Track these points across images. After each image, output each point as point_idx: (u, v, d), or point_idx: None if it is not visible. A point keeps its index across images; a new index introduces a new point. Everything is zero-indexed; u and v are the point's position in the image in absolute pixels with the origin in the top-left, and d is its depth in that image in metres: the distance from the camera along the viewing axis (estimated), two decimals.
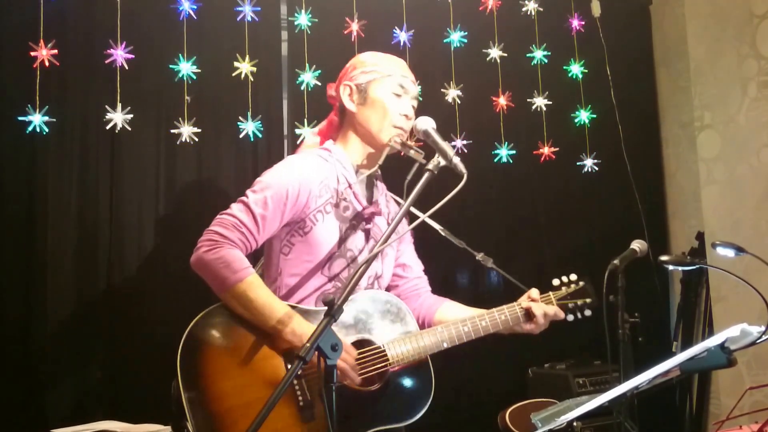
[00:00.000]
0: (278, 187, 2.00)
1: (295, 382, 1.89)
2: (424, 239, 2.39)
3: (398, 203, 2.24)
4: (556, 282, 2.21)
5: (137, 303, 2.82)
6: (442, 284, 2.50)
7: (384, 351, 1.98)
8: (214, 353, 1.90)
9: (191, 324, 1.90)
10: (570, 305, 2.18)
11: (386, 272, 2.21)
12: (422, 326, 2.17)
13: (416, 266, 2.34)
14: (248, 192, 2.02)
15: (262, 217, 1.97)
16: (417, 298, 2.29)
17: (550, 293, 2.18)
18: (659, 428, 3.55)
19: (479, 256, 2.29)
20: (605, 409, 1.81)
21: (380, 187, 2.23)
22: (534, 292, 2.15)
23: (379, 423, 1.96)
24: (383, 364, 1.97)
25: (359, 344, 1.98)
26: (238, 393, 1.86)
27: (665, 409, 3.62)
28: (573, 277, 2.22)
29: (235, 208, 1.99)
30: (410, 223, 2.22)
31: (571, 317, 2.18)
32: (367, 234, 2.12)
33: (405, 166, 1.93)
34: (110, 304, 2.80)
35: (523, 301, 2.13)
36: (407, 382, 2.01)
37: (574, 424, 2.76)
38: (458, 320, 2.07)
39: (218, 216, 1.99)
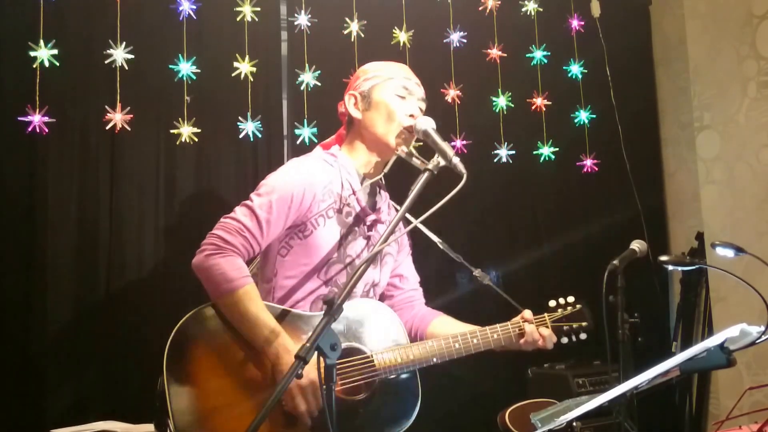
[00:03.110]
0: (283, 190, 1.98)
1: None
2: (420, 248, 2.40)
3: (398, 211, 2.24)
4: (552, 303, 2.20)
5: (137, 303, 2.82)
6: (435, 293, 2.49)
7: (372, 360, 1.96)
8: (201, 351, 1.89)
9: (182, 320, 1.89)
10: (565, 328, 2.17)
11: (383, 281, 2.20)
12: (414, 338, 2.16)
13: (412, 278, 2.34)
14: (253, 195, 2.00)
15: (267, 222, 1.95)
16: (411, 309, 2.28)
17: (545, 315, 2.17)
18: (659, 428, 3.55)
19: (476, 272, 2.28)
20: (605, 409, 1.82)
21: (383, 196, 2.22)
22: (527, 313, 2.14)
23: None
24: (371, 373, 1.96)
25: (348, 352, 1.96)
26: (221, 394, 1.85)
27: (665, 409, 3.62)
28: (570, 299, 2.20)
29: (240, 212, 1.97)
30: (407, 226, 2.23)
31: (565, 340, 2.18)
32: (368, 241, 2.10)
33: (408, 174, 1.93)
34: (110, 304, 2.79)
35: (517, 322, 2.12)
36: (394, 393, 1.99)
37: (574, 424, 2.75)
38: (450, 336, 2.06)
39: (222, 219, 1.97)
